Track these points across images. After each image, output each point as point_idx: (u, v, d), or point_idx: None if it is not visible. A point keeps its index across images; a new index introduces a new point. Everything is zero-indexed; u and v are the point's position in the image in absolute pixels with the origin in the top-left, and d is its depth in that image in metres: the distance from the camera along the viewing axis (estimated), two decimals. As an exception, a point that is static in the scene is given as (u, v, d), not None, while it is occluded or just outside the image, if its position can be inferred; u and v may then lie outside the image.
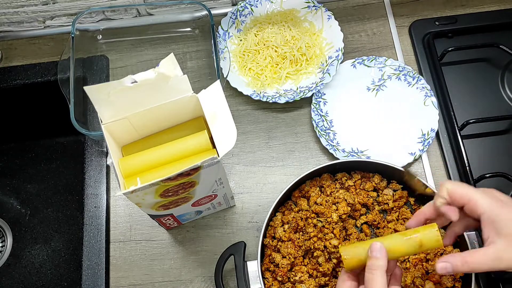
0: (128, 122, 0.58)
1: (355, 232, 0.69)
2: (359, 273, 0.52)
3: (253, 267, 0.64)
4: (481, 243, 0.58)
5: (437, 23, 0.87)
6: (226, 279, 0.70)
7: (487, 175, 0.73)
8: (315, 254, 0.65)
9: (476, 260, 0.47)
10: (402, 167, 0.69)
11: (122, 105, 0.56)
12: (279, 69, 0.82)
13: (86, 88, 0.53)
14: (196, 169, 0.54)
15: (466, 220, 0.52)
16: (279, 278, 0.65)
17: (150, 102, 0.58)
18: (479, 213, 0.48)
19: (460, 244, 0.65)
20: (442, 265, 0.49)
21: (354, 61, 0.83)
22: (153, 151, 0.59)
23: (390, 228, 0.68)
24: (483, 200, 0.47)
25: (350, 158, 0.75)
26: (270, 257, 0.66)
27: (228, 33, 0.86)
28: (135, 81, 0.55)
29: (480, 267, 0.47)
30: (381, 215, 0.70)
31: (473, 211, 0.48)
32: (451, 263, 0.48)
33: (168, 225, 0.71)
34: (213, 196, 0.66)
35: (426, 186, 0.65)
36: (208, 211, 0.73)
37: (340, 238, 0.67)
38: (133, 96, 0.56)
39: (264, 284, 0.63)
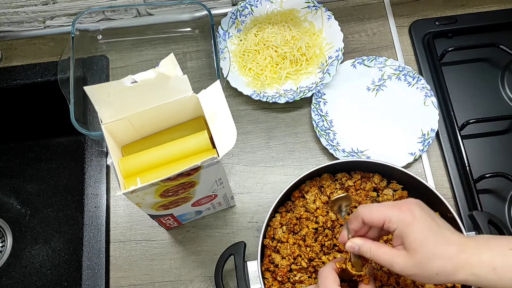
0: (128, 122, 0.58)
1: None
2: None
3: (253, 267, 0.64)
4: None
5: (437, 23, 0.87)
6: (226, 279, 0.70)
7: (487, 175, 0.73)
8: (309, 256, 0.66)
9: (377, 253, 0.52)
10: (402, 167, 0.69)
11: (122, 105, 0.56)
12: (279, 69, 0.82)
13: (86, 88, 0.53)
14: (196, 169, 0.54)
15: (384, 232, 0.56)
16: (279, 278, 0.65)
17: (150, 102, 0.58)
18: (393, 230, 0.52)
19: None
20: (351, 244, 0.54)
21: (354, 61, 0.83)
22: (153, 151, 0.59)
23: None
24: (396, 218, 0.51)
25: (350, 158, 0.75)
26: (270, 258, 0.66)
27: (228, 33, 0.86)
28: (135, 81, 0.55)
29: (378, 260, 0.52)
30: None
31: (390, 228, 0.52)
32: (359, 246, 0.54)
33: (168, 225, 0.71)
34: (213, 196, 0.66)
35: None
36: (208, 211, 0.73)
37: (333, 240, 0.67)
38: (133, 96, 0.56)
39: (264, 284, 0.63)
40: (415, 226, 0.50)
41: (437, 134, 0.79)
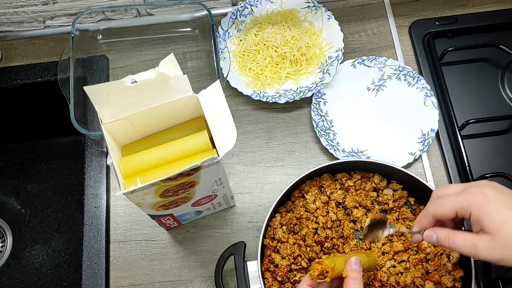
0: (128, 122, 0.58)
1: (352, 234, 0.69)
2: (319, 285, 0.54)
3: (253, 267, 0.64)
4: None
5: (437, 23, 0.87)
6: (226, 279, 0.70)
7: (487, 175, 0.73)
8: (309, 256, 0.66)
9: (456, 240, 0.49)
10: (402, 167, 0.69)
11: (122, 105, 0.56)
12: (279, 69, 0.82)
13: (86, 88, 0.53)
14: (196, 169, 0.54)
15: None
16: (279, 278, 0.65)
17: (150, 102, 0.58)
18: (468, 217, 0.49)
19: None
20: (429, 233, 0.52)
21: (354, 61, 0.83)
22: (153, 151, 0.59)
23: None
24: (467, 203, 0.49)
25: (350, 158, 0.75)
26: (270, 258, 0.66)
27: (228, 33, 0.86)
28: (135, 81, 0.55)
29: (458, 248, 0.49)
30: (381, 214, 0.70)
31: (465, 216, 0.50)
32: (437, 235, 0.51)
33: (168, 225, 0.71)
34: (213, 196, 0.66)
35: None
36: (208, 211, 0.73)
37: (333, 240, 0.67)
38: (133, 96, 0.56)
39: (264, 284, 0.63)
40: (491, 206, 0.47)
41: (437, 134, 0.79)
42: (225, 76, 0.77)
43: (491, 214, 0.47)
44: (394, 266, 0.65)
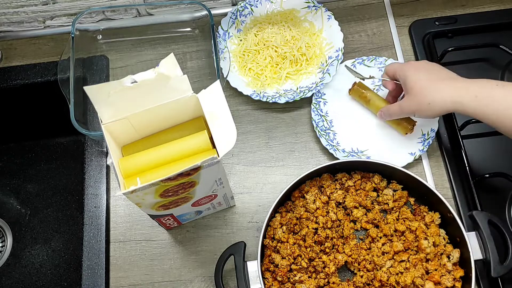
0: (128, 122, 0.58)
1: (352, 234, 0.69)
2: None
3: (253, 267, 0.64)
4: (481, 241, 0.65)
5: (437, 23, 0.87)
6: (226, 279, 0.70)
7: (487, 175, 0.73)
8: (309, 255, 0.66)
9: (391, 107, 0.73)
10: (402, 167, 0.69)
11: (122, 105, 0.56)
12: (279, 69, 0.82)
13: (86, 88, 0.53)
14: (196, 169, 0.54)
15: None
16: (279, 278, 0.65)
17: (150, 102, 0.58)
18: (398, 78, 0.70)
19: (460, 245, 0.65)
20: (380, 112, 0.76)
21: (354, 61, 0.83)
22: (153, 151, 0.59)
23: (391, 227, 0.68)
24: (400, 68, 0.69)
25: (350, 158, 0.75)
26: (270, 258, 0.66)
27: (228, 33, 0.86)
28: (135, 81, 0.55)
29: (392, 113, 0.73)
30: (381, 214, 0.70)
31: (399, 79, 0.70)
32: (382, 111, 0.76)
33: (168, 225, 0.71)
34: (213, 196, 0.66)
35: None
36: (208, 211, 0.73)
37: (334, 240, 0.67)
38: (133, 96, 0.56)
39: (264, 284, 0.63)
40: (411, 71, 0.67)
41: (437, 134, 0.79)
42: (225, 76, 0.77)
43: (409, 77, 0.67)
44: (394, 266, 0.65)
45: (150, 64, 0.86)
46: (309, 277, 0.66)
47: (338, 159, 0.75)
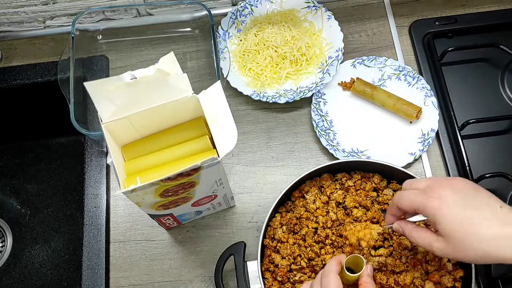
0: (128, 121, 0.58)
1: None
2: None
3: (253, 267, 0.64)
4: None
5: (437, 23, 0.87)
6: (226, 279, 0.70)
7: (487, 175, 0.73)
8: (309, 256, 0.66)
9: (417, 236, 0.53)
10: (402, 167, 0.69)
11: (122, 104, 0.56)
12: (279, 69, 0.82)
13: (86, 84, 0.53)
14: (196, 170, 0.54)
15: None
16: (279, 278, 0.65)
17: (150, 102, 0.58)
18: (425, 218, 0.54)
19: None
20: (397, 226, 0.57)
21: (354, 61, 0.83)
22: (153, 156, 0.59)
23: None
24: (423, 206, 0.51)
25: (350, 158, 0.75)
26: (270, 258, 0.66)
27: (228, 33, 0.86)
28: (135, 77, 0.54)
29: (418, 244, 0.53)
30: (381, 214, 0.70)
31: (423, 214, 0.53)
32: (403, 228, 0.56)
33: (168, 225, 0.71)
34: (213, 196, 0.66)
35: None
36: (208, 211, 0.73)
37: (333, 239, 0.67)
38: (133, 95, 0.56)
39: (264, 284, 0.63)
40: (444, 210, 0.49)
41: (437, 134, 0.79)
42: (225, 76, 0.77)
43: (444, 218, 0.49)
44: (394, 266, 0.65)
45: (150, 64, 0.84)
46: (309, 277, 0.65)
47: (338, 159, 0.75)
